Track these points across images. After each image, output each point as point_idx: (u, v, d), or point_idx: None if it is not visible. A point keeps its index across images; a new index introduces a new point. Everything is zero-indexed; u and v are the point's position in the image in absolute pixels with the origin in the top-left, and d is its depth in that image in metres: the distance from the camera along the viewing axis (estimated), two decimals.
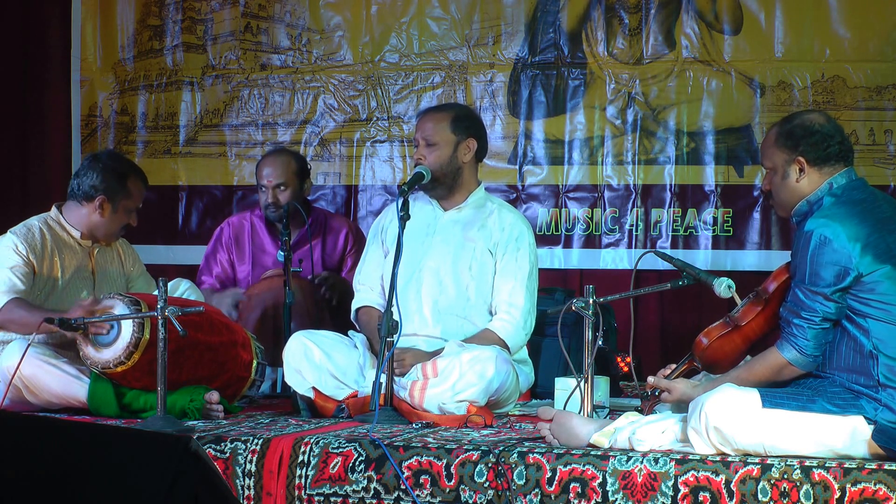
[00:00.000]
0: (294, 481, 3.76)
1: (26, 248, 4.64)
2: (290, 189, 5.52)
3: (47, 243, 4.72)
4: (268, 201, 5.52)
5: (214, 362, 4.54)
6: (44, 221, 4.78)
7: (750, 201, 6.13)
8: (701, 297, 5.94)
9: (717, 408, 3.53)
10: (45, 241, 4.71)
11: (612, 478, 3.53)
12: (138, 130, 6.79)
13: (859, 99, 6.01)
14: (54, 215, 4.81)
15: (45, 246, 4.71)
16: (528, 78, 6.37)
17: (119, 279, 4.94)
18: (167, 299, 4.09)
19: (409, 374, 4.45)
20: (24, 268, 4.61)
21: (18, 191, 6.84)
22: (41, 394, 4.45)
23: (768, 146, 3.79)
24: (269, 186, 5.52)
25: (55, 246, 4.74)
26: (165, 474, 2.50)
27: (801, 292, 3.62)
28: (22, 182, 6.87)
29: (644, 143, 6.25)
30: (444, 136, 4.68)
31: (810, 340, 3.61)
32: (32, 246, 4.66)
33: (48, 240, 4.73)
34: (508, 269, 4.68)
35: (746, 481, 3.44)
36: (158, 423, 4.04)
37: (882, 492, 3.33)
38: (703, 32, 6.18)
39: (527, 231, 4.77)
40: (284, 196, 5.50)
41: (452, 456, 3.67)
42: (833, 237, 3.58)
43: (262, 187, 5.56)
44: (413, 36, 6.50)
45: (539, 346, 5.11)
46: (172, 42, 6.76)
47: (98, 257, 4.87)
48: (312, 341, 4.53)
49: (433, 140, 4.67)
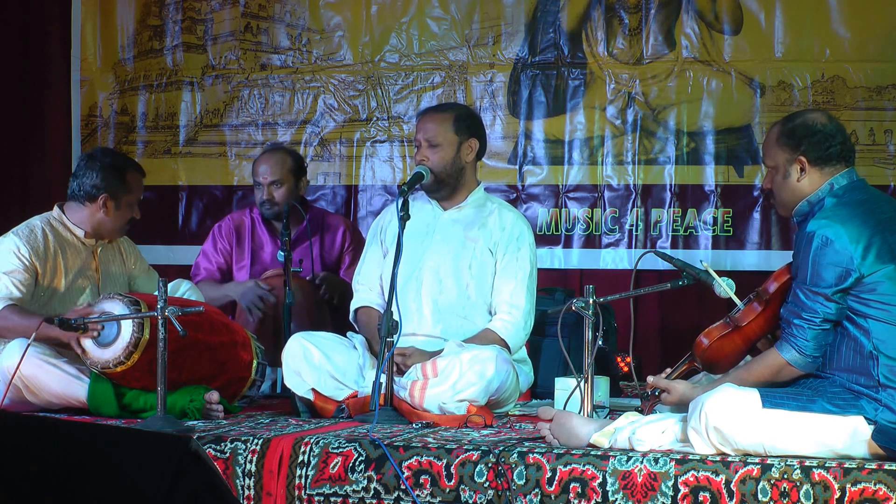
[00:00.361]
0: (294, 481, 3.76)
1: (28, 251, 4.64)
2: (286, 187, 5.52)
3: (50, 244, 4.72)
4: (263, 198, 5.52)
5: (214, 362, 4.54)
6: (46, 221, 4.78)
7: (750, 201, 6.13)
8: (701, 297, 5.94)
9: (717, 408, 3.53)
10: (47, 241, 4.71)
11: (612, 478, 3.53)
12: (138, 130, 6.79)
13: (859, 99, 6.01)
14: (56, 215, 4.81)
15: (47, 246, 4.71)
16: (528, 78, 6.37)
17: (121, 277, 4.94)
18: (167, 299, 4.09)
19: (408, 373, 4.45)
20: (23, 273, 4.61)
21: (18, 191, 6.84)
22: (41, 393, 4.45)
23: (770, 145, 3.79)
24: (264, 183, 5.52)
25: (58, 246, 4.74)
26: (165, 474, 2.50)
27: (801, 293, 3.62)
28: (22, 182, 6.87)
29: (644, 143, 6.25)
30: (446, 136, 4.68)
31: (810, 341, 3.61)
32: (35, 247, 4.66)
33: (51, 240, 4.73)
34: (509, 269, 4.68)
35: (746, 481, 3.44)
36: (158, 423, 4.04)
37: (882, 492, 3.33)
38: (703, 32, 6.18)
39: (527, 231, 4.77)
40: (280, 193, 5.50)
41: (452, 456, 3.67)
42: (835, 238, 3.58)
43: (257, 184, 5.57)
44: (413, 36, 6.50)
45: (539, 346, 5.11)
46: (172, 42, 6.76)
47: (101, 256, 4.87)
48: (311, 342, 4.53)
49: (436, 141, 4.67)
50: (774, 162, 3.76)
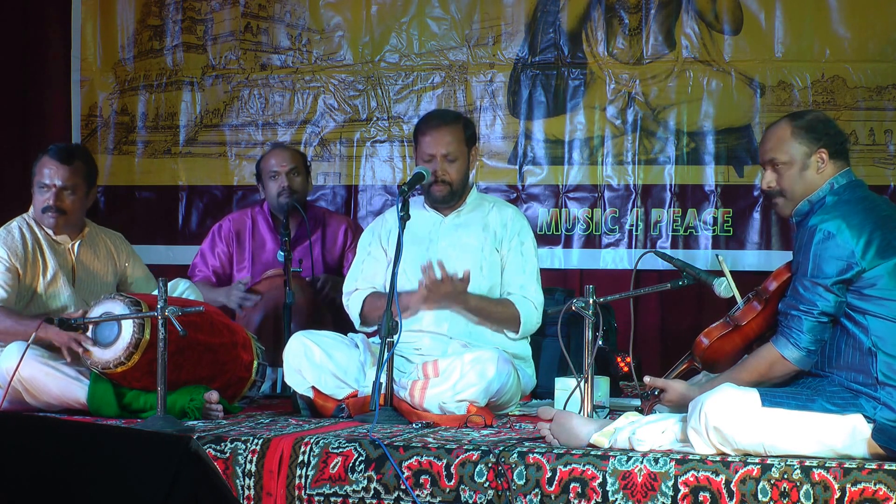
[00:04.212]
0: (294, 481, 3.76)
1: (7, 252, 4.65)
2: (302, 177, 5.55)
3: (28, 243, 4.73)
4: (282, 186, 5.50)
5: (214, 363, 4.54)
6: (23, 221, 4.81)
7: (750, 201, 6.13)
8: (701, 297, 5.94)
9: (717, 408, 3.53)
10: (25, 241, 4.73)
11: (612, 478, 3.53)
12: (138, 130, 6.79)
13: (859, 99, 6.01)
14: (32, 214, 4.83)
15: (25, 246, 4.72)
16: (528, 78, 6.37)
17: (106, 278, 4.92)
18: (167, 299, 4.09)
19: (409, 373, 4.45)
20: (5, 274, 4.62)
21: (18, 190, 6.82)
22: (40, 396, 4.45)
23: (783, 141, 3.77)
24: (282, 171, 5.51)
25: (36, 245, 4.75)
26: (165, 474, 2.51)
27: (800, 286, 3.63)
28: (22, 182, 6.85)
29: (644, 143, 6.25)
30: (461, 148, 4.70)
31: (805, 333, 3.61)
32: (13, 249, 4.67)
33: (28, 240, 4.74)
34: (516, 263, 4.70)
35: (746, 481, 3.44)
36: (158, 423, 4.04)
37: (882, 492, 3.34)
38: (703, 32, 6.18)
39: (526, 224, 4.82)
40: (298, 182, 5.52)
41: (452, 456, 3.67)
42: (836, 232, 3.59)
43: (273, 174, 5.53)
44: (413, 36, 6.50)
45: (539, 346, 5.11)
46: (172, 42, 6.76)
47: (80, 254, 4.86)
48: (313, 341, 4.53)
49: (454, 155, 4.67)
50: (789, 157, 3.75)
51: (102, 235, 5.00)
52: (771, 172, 3.80)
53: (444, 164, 4.66)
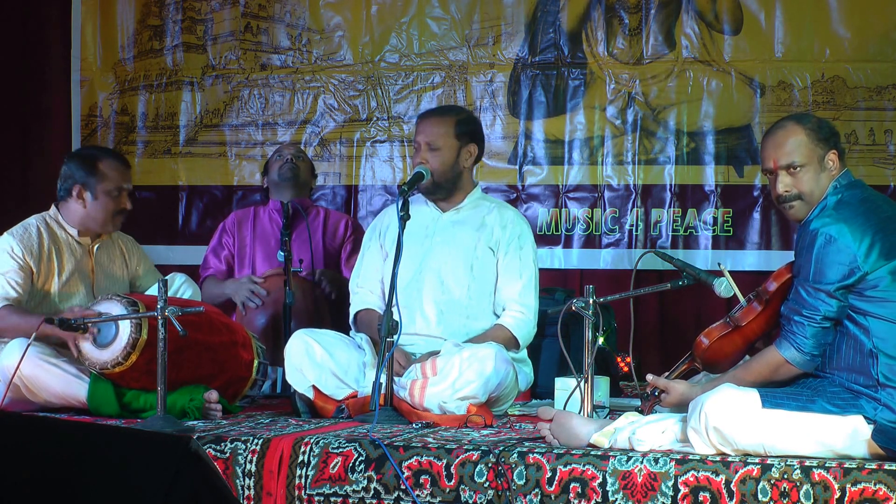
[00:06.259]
0: (294, 481, 3.76)
1: (22, 251, 4.64)
2: (305, 164, 5.68)
3: (44, 242, 4.72)
4: (285, 160, 5.62)
5: (214, 362, 4.54)
6: (42, 220, 4.79)
7: (750, 201, 6.13)
8: (701, 297, 5.94)
9: (717, 408, 3.53)
10: (42, 240, 4.72)
11: (612, 478, 3.53)
12: (138, 130, 6.79)
13: (859, 99, 6.01)
14: (53, 214, 4.81)
15: (42, 245, 4.71)
16: (528, 78, 6.37)
17: (122, 278, 4.94)
18: (167, 299, 4.09)
19: (408, 373, 4.45)
20: (18, 273, 4.61)
21: (18, 190, 6.84)
22: (41, 393, 4.45)
23: (801, 144, 3.73)
24: (288, 153, 5.65)
25: (53, 244, 4.74)
26: (165, 474, 2.50)
27: (803, 290, 3.62)
28: (22, 182, 6.87)
29: (644, 143, 6.25)
30: (447, 140, 4.70)
31: (809, 339, 3.61)
32: (29, 247, 4.66)
33: (45, 239, 4.73)
34: (513, 268, 4.70)
35: (746, 481, 3.44)
36: (158, 423, 4.04)
37: (882, 492, 3.34)
38: (703, 32, 6.18)
39: (527, 229, 4.80)
40: (301, 165, 5.64)
41: (452, 456, 3.67)
42: (838, 236, 3.59)
43: (278, 156, 5.66)
44: (413, 36, 6.50)
45: (539, 346, 5.11)
46: (172, 42, 6.76)
47: (98, 256, 4.86)
48: (314, 339, 4.53)
49: (437, 144, 4.69)
50: (807, 160, 3.73)
51: (116, 237, 5.01)
52: (786, 176, 3.74)
53: (426, 153, 4.68)
